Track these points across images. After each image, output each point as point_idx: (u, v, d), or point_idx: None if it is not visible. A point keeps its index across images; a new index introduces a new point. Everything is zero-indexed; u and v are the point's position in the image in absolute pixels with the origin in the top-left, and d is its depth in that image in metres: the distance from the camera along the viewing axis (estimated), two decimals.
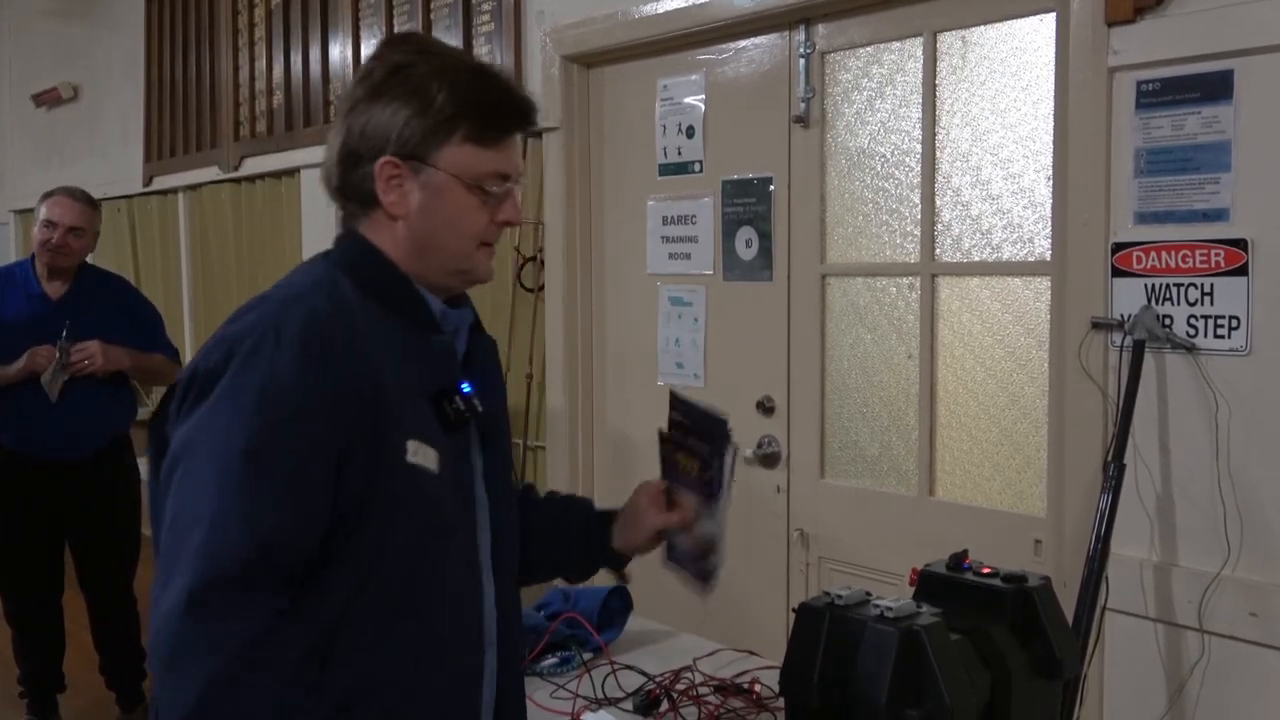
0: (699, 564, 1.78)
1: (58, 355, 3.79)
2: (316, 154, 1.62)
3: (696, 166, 3.51)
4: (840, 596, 1.57)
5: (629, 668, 2.21)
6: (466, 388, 1.50)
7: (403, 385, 1.42)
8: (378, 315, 1.45)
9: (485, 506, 1.56)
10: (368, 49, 4.61)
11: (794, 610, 1.64)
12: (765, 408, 3.34)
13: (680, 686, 2.10)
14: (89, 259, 4.13)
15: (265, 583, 1.31)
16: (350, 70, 4.66)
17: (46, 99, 7.04)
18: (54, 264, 3.94)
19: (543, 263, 3.90)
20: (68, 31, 6.92)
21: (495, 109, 1.50)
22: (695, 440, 1.69)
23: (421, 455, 1.41)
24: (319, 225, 4.62)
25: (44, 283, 3.98)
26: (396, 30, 4.45)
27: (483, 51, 4.06)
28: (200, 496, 1.31)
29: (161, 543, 1.34)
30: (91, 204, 4.01)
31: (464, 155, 1.47)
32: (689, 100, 3.51)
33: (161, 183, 6.00)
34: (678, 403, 1.74)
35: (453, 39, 4.14)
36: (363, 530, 1.37)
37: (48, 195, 3.97)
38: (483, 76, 1.51)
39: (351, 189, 1.51)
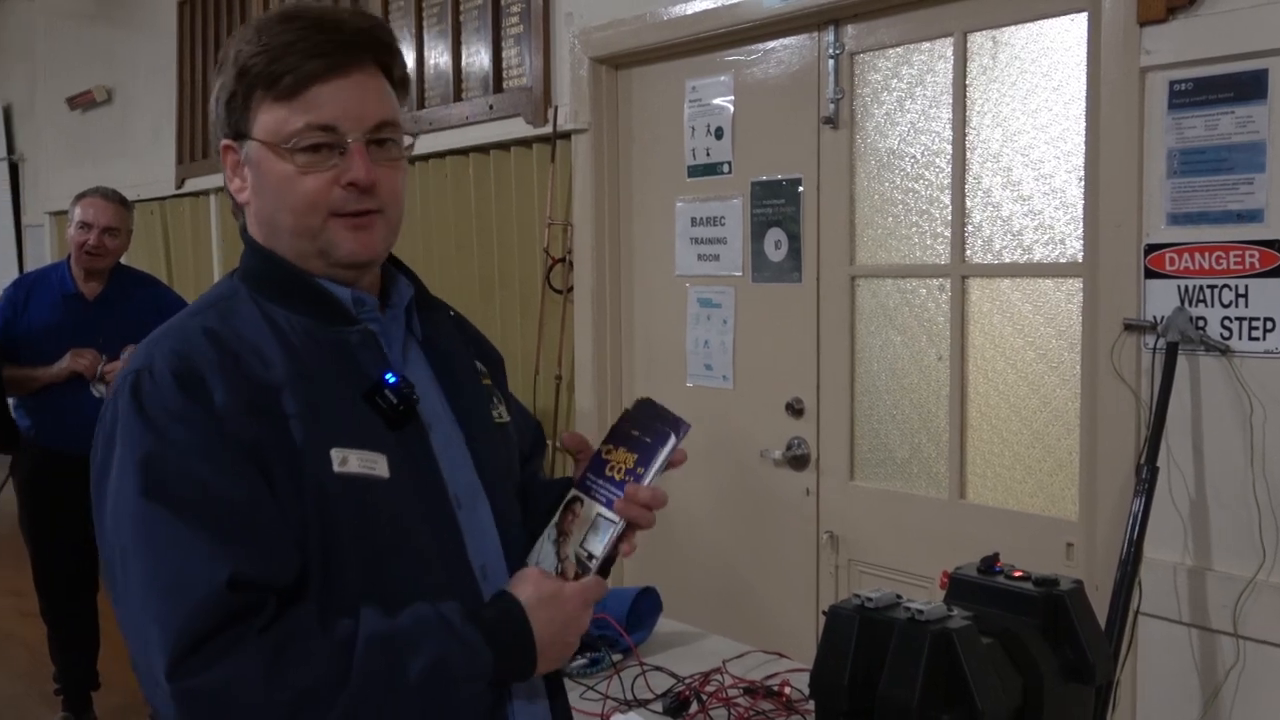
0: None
1: (100, 373, 3.88)
2: None
3: (725, 168, 3.51)
4: (870, 599, 1.57)
5: (658, 669, 2.21)
6: (391, 378, 1.30)
7: (323, 391, 1.26)
8: (285, 320, 1.30)
9: (479, 501, 1.39)
10: None
11: (824, 613, 1.64)
12: (794, 409, 3.34)
13: (710, 688, 2.11)
14: (122, 259, 4.18)
15: (251, 614, 1.15)
16: None
17: (80, 101, 7.11)
18: (91, 266, 4.00)
19: (571, 264, 3.90)
20: (101, 34, 6.99)
21: (283, 50, 1.26)
22: (641, 434, 1.41)
23: (357, 463, 1.25)
24: None
25: (80, 284, 4.04)
26: (426, 32, 4.47)
27: (511, 54, 4.07)
28: (133, 555, 1.17)
29: (116, 616, 1.22)
30: (124, 203, 4.07)
31: (270, 116, 1.28)
32: (718, 101, 3.51)
33: (193, 185, 6.05)
34: (646, 404, 1.44)
35: (482, 41, 4.16)
36: (309, 563, 1.22)
37: (81, 196, 4.03)
38: (284, 19, 1.29)
39: (229, 189, 1.38)
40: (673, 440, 1.38)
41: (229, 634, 1.13)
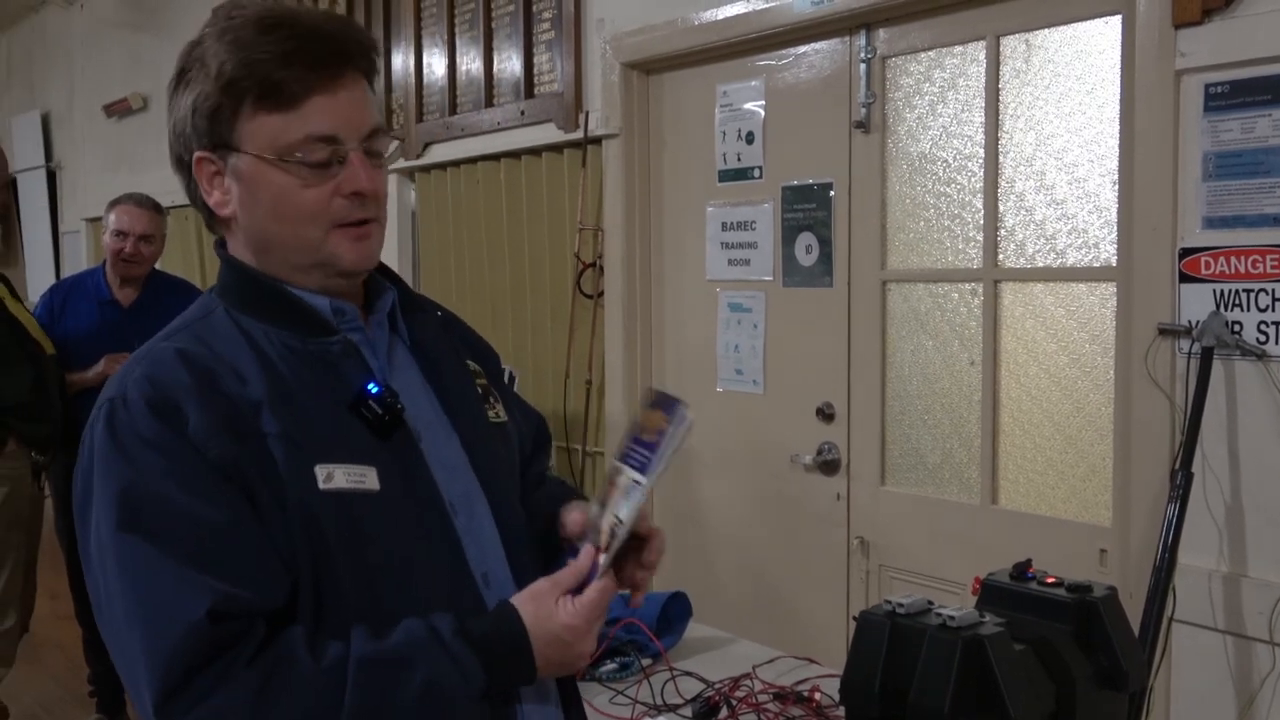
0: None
1: None
2: None
3: (756, 172, 3.50)
4: (901, 605, 1.56)
5: (688, 674, 2.21)
6: (374, 388, 1.27)
7: (305, 406, 1.24)
8: (262, 335, 1.28)
9: (478, 506, 1.35)
10: (430, 58, 4.65)
11: (854, 618, 1.63)
12: (825, 414, 3.33)
13: (739, 694, 2.10)
14: (156, 265, 4.22)
15: (238, 643, 1.13)
16: (412, 79, 4.71)
17: (117, 109, 7.19)
18: (127, 274, 4.05)
19: (602, 269, 3.91)
20: (137, 42, 7.06)
21: (279, 60, 1.23)
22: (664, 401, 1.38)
23: (343, 478, 1.22)
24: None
25: (115, 290, 4.08)
26: (458, 38, 4.49)
27: (543, 59, 4.09)
28: (116, 589, 1.15)
29: (105, 640, 1.19)
30: (158, 209, 4.11)
31: (262, 127, 1.25)
32: (749, 106, 3.51)
33: None
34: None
35: (513, 47, 4.18)
36: (299, 582, 1.19)
37: (115, 203, 4.07)
38: (266, 27, 1.25)
39: (198, 202, 1.35)
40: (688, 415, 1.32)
41: (216, 666, 1.11)
